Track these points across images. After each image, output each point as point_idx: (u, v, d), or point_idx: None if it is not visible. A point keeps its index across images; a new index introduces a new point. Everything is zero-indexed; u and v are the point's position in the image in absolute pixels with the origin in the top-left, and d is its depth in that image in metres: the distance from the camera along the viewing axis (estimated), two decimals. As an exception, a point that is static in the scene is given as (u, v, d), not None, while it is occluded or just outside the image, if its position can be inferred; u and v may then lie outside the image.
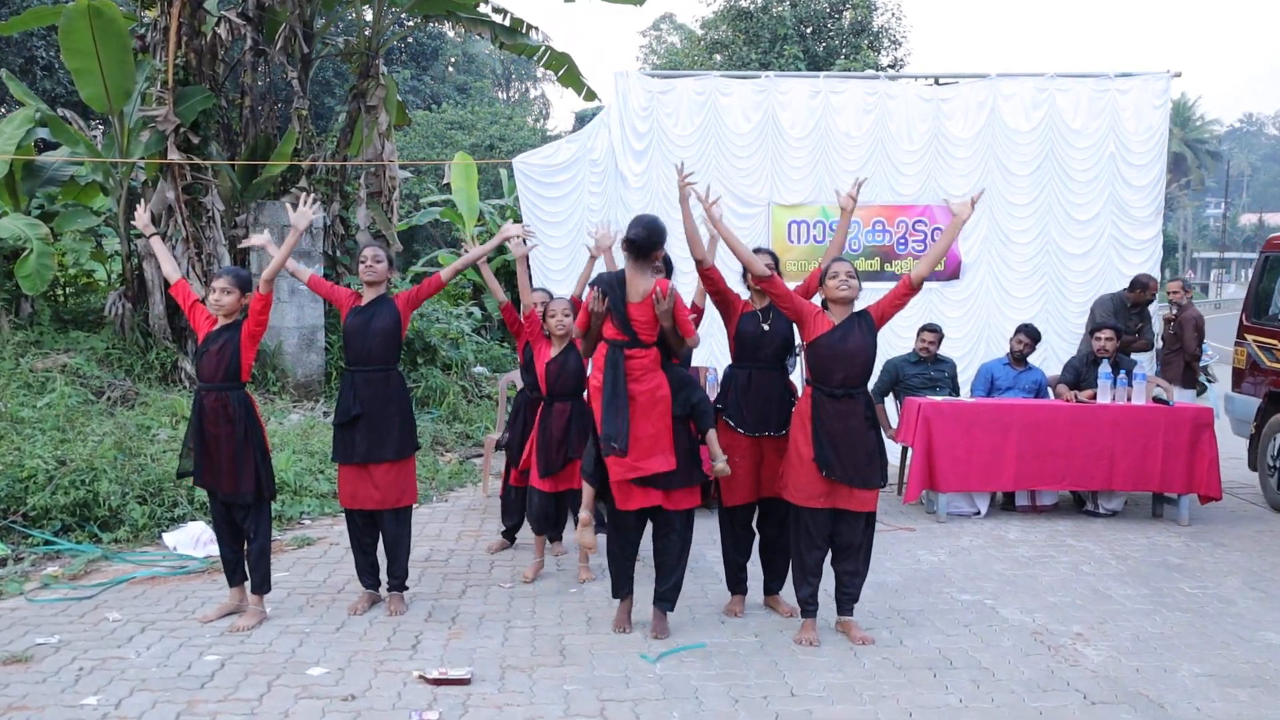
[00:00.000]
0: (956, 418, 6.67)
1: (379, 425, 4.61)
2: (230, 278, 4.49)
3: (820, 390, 4.33)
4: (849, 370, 4.31)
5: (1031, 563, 5.76)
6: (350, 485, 4.70)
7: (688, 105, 8.50)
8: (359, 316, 4.65)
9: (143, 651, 4.15)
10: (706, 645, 4.33)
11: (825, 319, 4.37)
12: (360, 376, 4.64)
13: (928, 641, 4.43)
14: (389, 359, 4.69)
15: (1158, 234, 8.62)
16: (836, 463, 4.24)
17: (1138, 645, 4.43)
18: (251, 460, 4.41)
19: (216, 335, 4.43)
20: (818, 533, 4.37)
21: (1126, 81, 8.52)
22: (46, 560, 5.45)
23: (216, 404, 4.40)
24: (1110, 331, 7.11)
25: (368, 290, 4.73)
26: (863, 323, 4.38)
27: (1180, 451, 6.65)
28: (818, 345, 4.33)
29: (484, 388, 10.64)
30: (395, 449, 4.64)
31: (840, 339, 4.31)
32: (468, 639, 4.39)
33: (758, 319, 4.67)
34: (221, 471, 4.42)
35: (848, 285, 4.32)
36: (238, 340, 4.41)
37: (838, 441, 4.26)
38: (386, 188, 10.44)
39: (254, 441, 4.44)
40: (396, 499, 4.69)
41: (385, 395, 4.64)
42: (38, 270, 7.64)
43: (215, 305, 4.43)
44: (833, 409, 4.29)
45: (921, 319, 8.26)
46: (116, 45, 8.13)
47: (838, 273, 4.34)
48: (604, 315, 4.25)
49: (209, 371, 4.43)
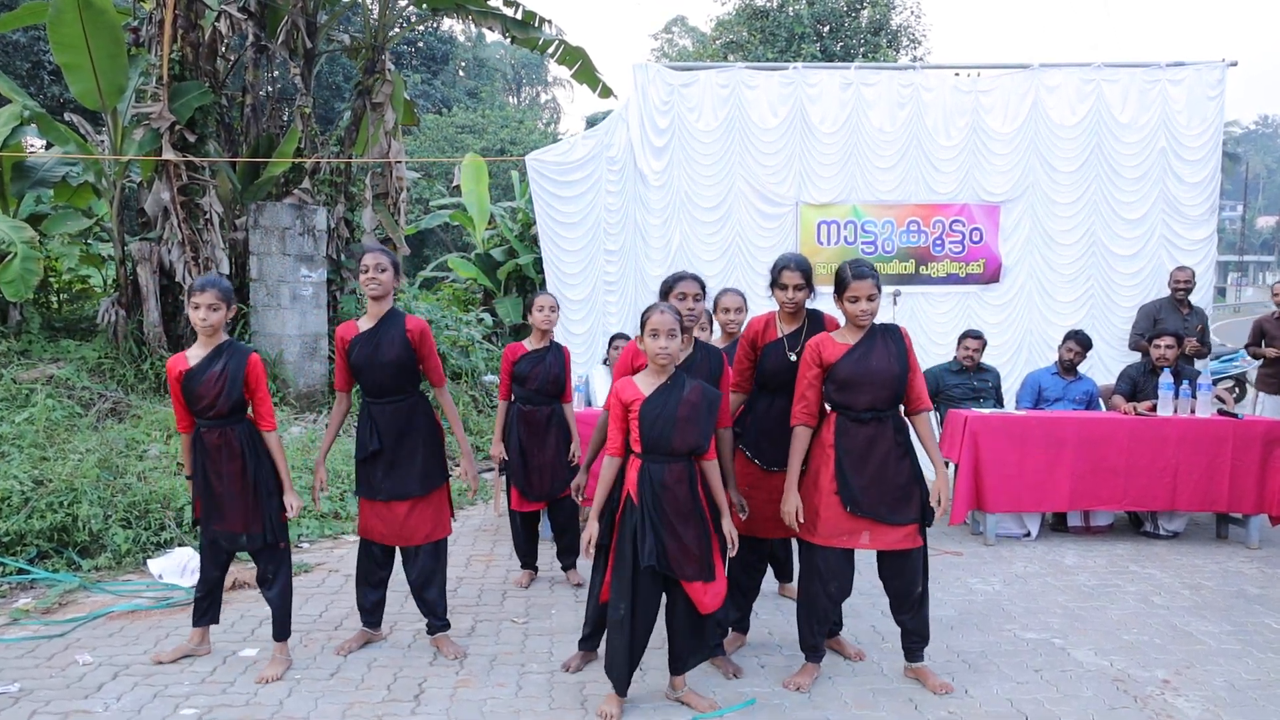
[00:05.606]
0: (1007, 432, 6.16)
1: (402, 460, 4.11)
2: (216, 291, 3.85)
3: (845, 416, 3.80)
4: (876, 392, 3.75)
5: (1096, 593, 5.24)
6: (371, 520, 4.21)
7: (711, 99, 8.02)
8: (365, 347, 4.09)
9: (111, 704, 3.67)
10: (755, 701, 3.83)
11: (835, 344, 3.83)
12: (377, 408, 4.13)
13: (996, 691, 3.92)
14: (408, 387, 4.17)
15: (1212, 234, 8.10)
16: (862, 495, 3.72)
17: (1234, 695, 3.91)
18: (261, 499, 3.93)
19: (211, 359, 3.87)
20: (832, 577, 3.82)
21: (1179, 71, 8.00)
22: (19, 591, 5.00)
23: (220, 441, 3.89)
24: (1171, 339, 6.58)
25: (372, 306, 4.16)
26: (888, 338, 3.83)
27: (1250, 469, 6.13)
28: (837, 371, 3.78)
29: (494, 397, 10.17)
30: (420, 485, 4.14)
31: (862, 357, 3.77)
32: (477, 687, 3.90)
33: (783, 348, 4.08)
34: (225, 512, 3.94)
35: (868, 314, 3.77)
36: (244, 374, 3.86)
37: (864, 471, 3.73)
38: (393, 189, 10.00)
39: (262, 479, 3.94)
40: (427, 534, 4.19)
41: (407, 427, 4.13)
42: (21, 276, 7.19)
43: (201, 322, 3.85)
44: (858, 434, 3.76)
45: (960, 325, 7.79)
46: (108, 39, 7.69)
47: (859, 296, 3.75)
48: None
49: (209, 403, 3.86)
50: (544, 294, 5.33)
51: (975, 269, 8.19)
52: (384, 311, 4.14)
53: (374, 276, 4.07)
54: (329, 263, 9.25)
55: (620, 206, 7.94)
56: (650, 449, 3.49)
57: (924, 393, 3.90)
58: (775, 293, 4.07)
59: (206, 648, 4.19)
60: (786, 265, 4.00)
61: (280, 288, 8.62)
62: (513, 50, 40.82)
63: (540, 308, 5.21)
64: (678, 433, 3.47)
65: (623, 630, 3.55)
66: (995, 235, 8.15)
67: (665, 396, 3.50)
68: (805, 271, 4.01)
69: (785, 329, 4.12)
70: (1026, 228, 8.13)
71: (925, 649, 3.99)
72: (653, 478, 3.48)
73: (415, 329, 4.13)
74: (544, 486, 5.17)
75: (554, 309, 5.25)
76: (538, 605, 4.97)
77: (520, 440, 5.16)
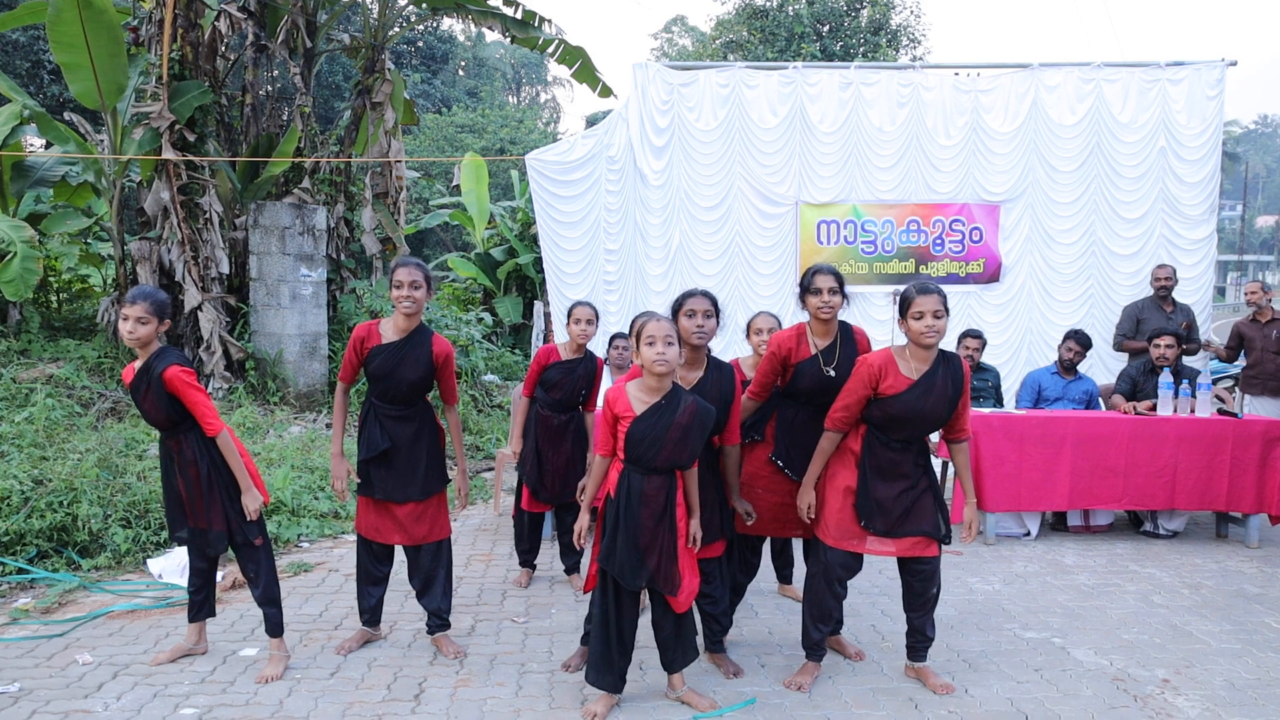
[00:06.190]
0: (1006, 432, 6.16)
1: (405, 464, 4.10)
2: (147, 304, 3.71)
3: (877, 438, 3.75)
4: (918, 430, 3.69)
5: (1096, 592, 5.24)
6: (370, 517, 4.20)
7: (711, 98, 8.02)
8: (387, 360, 4.00)
9: (111, 704, 3.67)
10: (756, 700, 3.83)
11: (897, 372, 3.64)
12: (385, 413, 4.11)
13: (996, 690, 3.92)
14: (420, 400, 4.17)
15: (1212, 233, 8.10)
16: (878, 512, 3.70)
17: (1234, 694, 3.91)
18: (219, 501, 3.90)
19: (142, 374, 3.81)
20: (839, 576, 3.81)
21: (1178, 71, 8.01)
22: (18, 590, 4.99)
23: (176, 447, 3.87)
24: (1170, 338, 6.58)
25: (400, 320, 4.03)
26: (949, 374, 3.65)
27: (1249, 468, 6.13)
28: (891, 405, 3.63)
29: (495, 396, 10.17)
30: (421, 488, 4.13)
31: (921, 396, 3.62)
32: (477, 687, 3.90)
33: (819, 364, 3.99)
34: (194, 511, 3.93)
35: (934, 331, 3.53)
36: (162, 389, 3.75)
37: (884, 489, 3.70)
38: (393, 188, 10.01)
39: (220, 482, 3.90)
40: (425, 535, 4.19)
41: (414, 433, 4.11)
42: (21, 275, 7.20)
43: (129, 335, 3.74)
44: (885, 455, 3.73)
45: (960, 324, 7.78)
46: (108, 38, 7.70)
47: (924, 312, 3.53)
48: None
49: (148, 415, 3.83)
50: (581, 305, 5.07)
51: (975, 268, 8.19)
52: (413, 327, 4.06)
53: (409, 295, 3.96)
54: (329, 262, 9.25)
55: (620, 206, 7.94)
56: (634, 462, 3.46)
57: (967, 423, 3.80)
58: (808, 299, 3.97)
59: (204, 646, 4.19)
60: (820, 270, 3.95)
61: (280, 287, 8.62)
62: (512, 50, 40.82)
63: (577, 320, 4.99)
64: (664, 454, 3.41)
65: (603, 625, 3.56)
66: (995, 235, 8.15)
67: (656, 418, 3.40)
68: (838, 277, 3.96)
69: (819, 344, 4.03)
70: (1026, 227, 8.13)
71: (929, 649, 3.99)
72: (631, 485, 3.46)
73: (441, 353, 4.08)
74: (555, 489, 5.15)
75: (590, 321, 5.01)
76: (537, 605, 4.97)
77: (537, 442, 5.12)
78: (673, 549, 3.50)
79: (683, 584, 3.55)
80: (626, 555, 3.45)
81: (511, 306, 13.16)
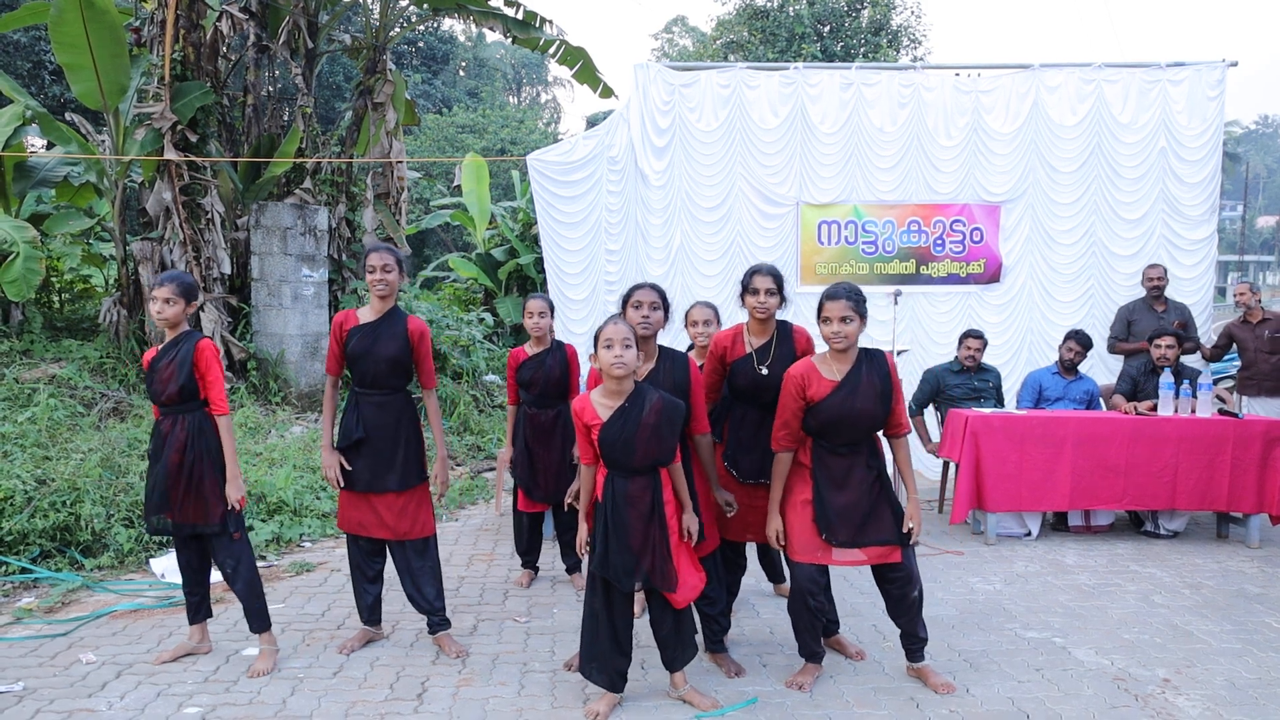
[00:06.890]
0: (1007, 432, 6.17)
1: (382, 453, 4.13)
2: (175, 285, 3.87)
3: (822, 447, 3.75)
4: (855, 432, 3.69)
5: (1097, 592, 5.25)
6: (351, 511, 4.23)
7: (712, 99, 8.02)
8: (364, 339, 4.11)
9: (115, 703, 3.68)
10: (758, 699, 3.84)
11: (820, 377, 3.68)
12: (365, 399, 4.15)
13: (997, 690, 3.93)
14: (398, 384, 4.20)
15: (1212, 234, 8.10)
16: (836, 521, 3.70)
17: (1235, 694, 3.92)
18: (204, 486, 3.92)
19: (169, 349, 3.91)
20: (810, 591, 3.78)
21: (1179, 71, 8.01)
22: (22, 590, 5.01)
23: (169, 428, 3.90)
24: (1170, 338, 6.59)
25: (376, 303, 4.17)
26: (873, 371, 3.69)
27: (1250, 468, 6.14)
28: (820, 411, 3.65)
29: (496, 397, 10.18)
30: (398, 479, 4.16)
31: (848, 397, 3.64)
32: (479, 686, 3.91)
33: (753, 364, 4.04)
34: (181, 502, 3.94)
35: (840, 336, 3.59)
36: (191, 359, 3.86)
37: (839, 498, 3.70)
38: (394, 189, 10.02)
39: (208, 467, 3.93)
40: (406, 531, 4.21)
41: (392, 421, 4.15)
42: (24, 276, 7.21)
43: (157, 315, 3.88)
44: (835, 464, 3.73)
45: (961, 325, 7.81)
46: (110, 38, 7.71)
47: (830, 317, 3.59)
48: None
49: (161, 388, 3.90)
50: (534, 298, 5.23)
51: (976, 269, 8.20)
52: (387, 309, 4.17)
53: (381, 277, 4.09)
54: (330, 262, 9.27)
55: (621, 206, 7.95)
56: (613, 466, 3.49)
57: (903, 418, 3.85)
58: (746, 299, 4.04)
59: (207, 645, 4.21)
60: (758, 270, 4.00)
61: (281, 287, 8.64)
62: (513, 50, 40.85)
63: (529, 314, 5.15)
64: (638, 453, 3.44)
65: (592, 619, 3.58)
66: (995, 235, 8.16)
67: (623, 419, 3.43)
68: (777, 278, 4.00)
69: (754, 342, 4.08)
70: (1027, 228, 8.14)
71: (926, 648, 4.00)
72: (615, 489, 3.48)
73: (416, 330, 4.16)
74: (549, 488, 5.17)
75: (543, 313, 5.14)
76: (539, 604, 4.99)
77: (527, 442, 5.17)
78: (665, 547, 3.52)
79: (683, 580, 3.57)
80: (619, 558, 3.48)
81: (513, 307, 13.17)
